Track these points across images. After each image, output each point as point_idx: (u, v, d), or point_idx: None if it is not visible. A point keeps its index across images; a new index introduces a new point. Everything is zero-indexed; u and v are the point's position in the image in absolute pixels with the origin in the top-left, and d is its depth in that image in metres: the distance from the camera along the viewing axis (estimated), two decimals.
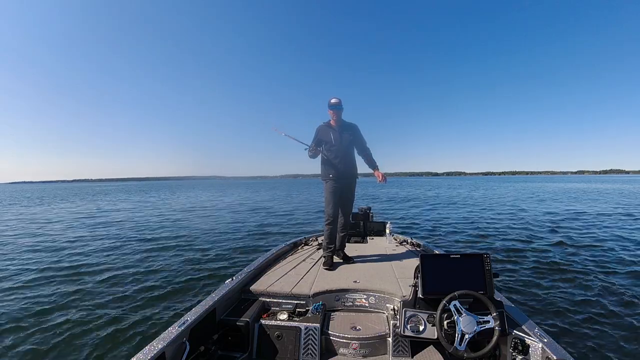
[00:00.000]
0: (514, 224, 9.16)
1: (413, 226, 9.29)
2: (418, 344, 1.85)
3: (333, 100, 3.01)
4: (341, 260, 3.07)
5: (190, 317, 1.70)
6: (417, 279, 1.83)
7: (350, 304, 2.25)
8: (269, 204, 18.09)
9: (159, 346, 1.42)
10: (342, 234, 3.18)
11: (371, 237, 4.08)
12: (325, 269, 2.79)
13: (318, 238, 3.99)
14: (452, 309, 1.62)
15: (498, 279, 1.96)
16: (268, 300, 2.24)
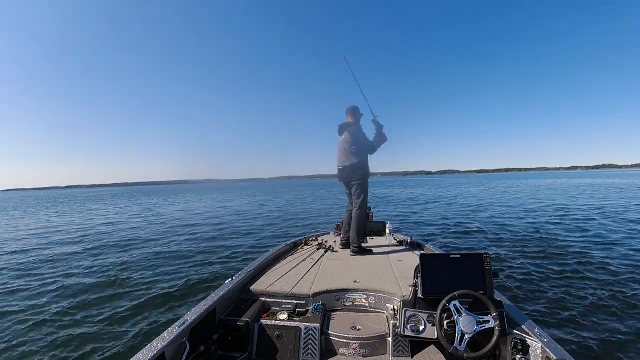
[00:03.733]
0: (515, 223, 9.15)
1: (413, 226, 9.29)
2: (418, 344, 1.85)
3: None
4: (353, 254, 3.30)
5: (190, 317, 1.70)
6: (417, 279, 1.82)
7: (350, 304, 2.25)
8: (269, 205, 18.09)
9: (159, 346, 1.42)
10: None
11: (371, 237, 4.08)
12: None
13: (318, 238, 3.99)
14: (452, 309, 1.62)
15: (498, 279, 1.97)
16: (268, 300, 2.23)
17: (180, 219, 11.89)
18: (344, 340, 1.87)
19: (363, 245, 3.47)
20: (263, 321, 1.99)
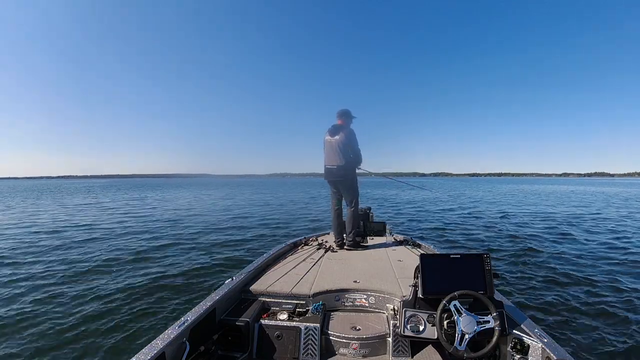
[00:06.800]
0: (515, 224, 9.16)
1: (413, 226, 9.29)
2: (418, 344, 1.85)
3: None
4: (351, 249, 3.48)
5: (190, 317, 1.70)
6: (417, 279, 1.82)
7: (350, 304, 2.25)
8: (272, 205, 18.09)
9: (159, 346, 1.42)
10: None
11: (371, 237, 4.08)
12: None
13: (318, 238, 3.99)
14: (452, 309, 1.62)
15: (498, 279, 1.97)
16: (268, 300, 2.23)
17: (179, 215, 11.88)
18: (344, 340, 1.87)
19: (362, 244, 3.63)
20: (263, 321, 1.99)
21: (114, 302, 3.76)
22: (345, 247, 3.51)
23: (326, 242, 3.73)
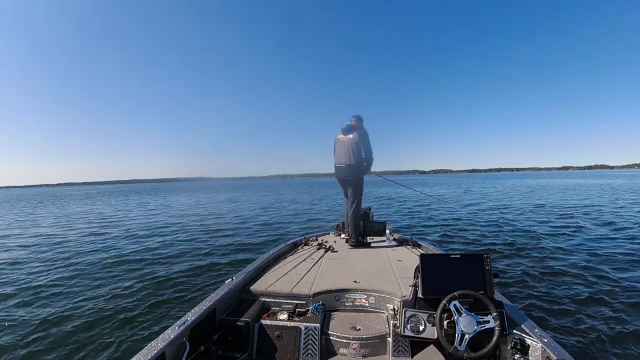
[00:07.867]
0: (515, 223, 9.15)
1: (413, 226, 9.29)
2: (418, 344, 1.85)
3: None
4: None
5: (190, 317, 1.70)
6: (417, 279, 1.83)
7: (350, 304, 2.25)
8: (270, 206, 18.09)
9: (159, 346, 1.42)
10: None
11: (371, 237, 4.08)
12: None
13: (318, 238, 3.99)
14: (452, 309, 1.62)
15: (498, 279, 1.98)
16: (268, 300, 2.24)
17: (177, 217, 11.89)
18: (344, 340, 1.87)
19: (365, 242, 3.69)
20: (263, 321, 1.99)
21: (114, 302, 3.77)
22: (348, 246, 3.59)
23: (326, 242, 3.73)
